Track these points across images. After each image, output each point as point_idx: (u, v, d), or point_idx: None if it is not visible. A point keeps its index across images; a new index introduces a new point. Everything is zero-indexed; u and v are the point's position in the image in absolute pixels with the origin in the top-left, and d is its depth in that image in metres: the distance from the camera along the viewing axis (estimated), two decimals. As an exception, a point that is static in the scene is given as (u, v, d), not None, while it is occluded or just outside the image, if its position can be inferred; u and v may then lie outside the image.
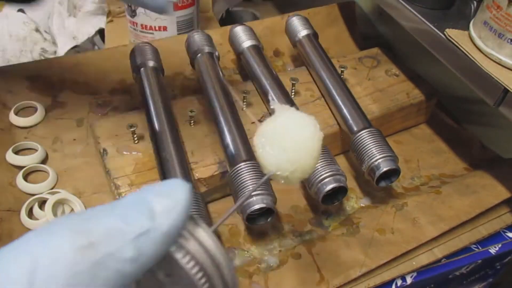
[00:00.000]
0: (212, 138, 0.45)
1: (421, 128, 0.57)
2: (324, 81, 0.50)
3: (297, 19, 0.56)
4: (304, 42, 0.54)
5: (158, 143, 0.41)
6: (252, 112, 0.49)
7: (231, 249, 0.41)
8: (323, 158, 0.40)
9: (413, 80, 0.56)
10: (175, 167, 0.39)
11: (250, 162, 0.39)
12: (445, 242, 0.43)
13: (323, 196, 0.39)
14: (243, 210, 0.37)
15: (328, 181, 0.39)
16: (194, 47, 0.51)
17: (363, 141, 0.43)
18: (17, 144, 0.46)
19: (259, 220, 0.39)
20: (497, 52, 0.40)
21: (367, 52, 0.60)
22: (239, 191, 0.38)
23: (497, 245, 0.45)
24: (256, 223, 0.39)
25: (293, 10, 0.62)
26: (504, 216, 0.47)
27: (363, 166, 0.43)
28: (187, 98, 0.50)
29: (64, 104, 0.51)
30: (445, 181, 0.50)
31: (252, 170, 0.38)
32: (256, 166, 0.39)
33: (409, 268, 0.41)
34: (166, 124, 0.43)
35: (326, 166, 0.40)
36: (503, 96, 0.39)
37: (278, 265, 0.40)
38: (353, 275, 0.39)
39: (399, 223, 0.44)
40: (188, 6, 0.59)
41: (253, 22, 0.62)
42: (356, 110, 0.47)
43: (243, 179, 0.38)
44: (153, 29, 0.60)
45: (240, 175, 0.38)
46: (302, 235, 0.43)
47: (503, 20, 0.38)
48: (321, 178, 0.39)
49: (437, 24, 0.46)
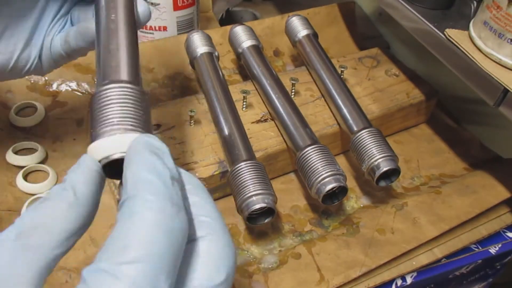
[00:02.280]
0: (212, 138, 0.45)
1: (421, 128, 0.57)
2: (324, 81, 0.50)
3: (297, 19, 0.56)
4: (304, 42, 0.54)
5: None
6: (252, 112, 0.49)
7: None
8: (323, 158, 0.40)
9: (413, 80, 0.56)
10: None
11: (250, 162, 0.39)
12: (445, 242, 0.44)
13: (323, 196, 0.39)
14: (244, 209, 0.37)
15: (328, 181, 0.39)
16: (193, 47, 0.51)
17: (363, 141, 0.43)
18: (17, 144, 0.46)
19: (259, 220, 0.39)
20: (497, 52, 0.40)
21: (367, 52, 0.60)
22: (239, 191, 0.38)
23: (497, 245, 0.45)
24: (256, 222, 0.39)
25: (293, 10, 0.62)
26: (504, 216, 0.47)
27: (363, 166, 0.43)
28: (187, 98, 0.50)
29: (64, 104, 0.51)
30: (445, 181, 0.50)
31: (253, 170, 0.38)
32: (256, 165, 0.39)
33: (409, 268, 0.41)
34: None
35: (326, 166, 0.40)
36: (503, 96, 0.39)
37: (278, 265, 0.40)
38: (353, 275, 0.39)
39: (399, 223, 0.44)
40: (188, 6, 0.59)
41: (253, 22, 0.62)
42: (356, 110, 0.47)
43: (243, 179, 0.38)
44: (153, 29, 0.60)
45: (240, 175, 0.38)
46: (302, 235, 0.43)
47: (503, 20, 0.38)
48: (321, 178, 0.39)
49: (437, 24, 0.46)
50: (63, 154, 0.47)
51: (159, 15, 0.58)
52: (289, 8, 0.68)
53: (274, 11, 0.80)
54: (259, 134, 0.46)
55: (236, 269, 0.39)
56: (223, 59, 0.59)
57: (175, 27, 0.60)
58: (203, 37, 0.52)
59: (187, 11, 0.60)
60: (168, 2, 0.57)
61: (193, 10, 0.61)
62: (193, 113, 0.45)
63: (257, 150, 0.44)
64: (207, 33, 0.53)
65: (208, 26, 0.69)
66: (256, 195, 0.37)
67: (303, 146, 0.42)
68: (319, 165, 0.40)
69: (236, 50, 0.53)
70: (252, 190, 0.37)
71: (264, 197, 0.37)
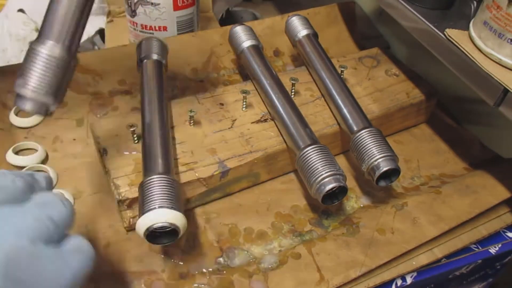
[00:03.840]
0: (212, 138, 0.45)
1: (421, 128, 0.57)
2: (324, 81, 0.50)
3: (297, 19, 0.56)
4: (304, 42, 0.54)
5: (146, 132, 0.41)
6: (252, 112, 0.49)
7: (231, 248, 0.41)
8: (323, 158, 0.40)
9: (413, 80, 0.56)
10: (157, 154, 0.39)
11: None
12: (445, 242, 0.44)
13: (323, 196, 0.39)
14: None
15: (328, 181, 0.39)
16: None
17: (363, 141, 0.43)
18: (17, 144, 0.46)
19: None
20: (497, 52, 0.40)
21: (367, 52, 0.60)
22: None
23: (497, 245, 0.45)
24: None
25: (293, 10, 0.62)
26: (504, 216, 0.47)
27: (363, 165, 0.43)
28: (187, 98, 0.50)
29: (64, 104, 0.51)
30: (445, 181, 0.50)
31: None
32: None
33: (409, 268, 0.41)
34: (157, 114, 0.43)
35: (326, 166, 0.40)
36: (503, 96, 0.39)
37: (278, 265, 0.40)
38: (353, 275, 0.39)
39: (399, 223, 0.44)
40: (188, 6, 0.59)
41: (253, 22, 0.62)
42: (356, 109, 0.47)
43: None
44: (153, 29, 0.60)
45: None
46: (302, 235, 0.43)
47: (503, 20, 0.38)
48: (321, 178, 0.39)
49: (437, 24, 0.46)
50: (63, 154, 0.47)
51: (159, 15, 0.58)
52: (289, 8, 0.68)
53: (274, 11, 0.81)
54: (259, 134, 0.46)
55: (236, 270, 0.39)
56: (223, 59, 0.59)
57: (175, 27, 0.60)
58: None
59: (187, 11, 0.60)
60: (168, 2, 0.57)
61: (193, 10, 0.61)
62: (193, 113, 0.45)
63: (257, 150, 0.44)
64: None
65: (208, 26, 0.69)
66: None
67: (303, 146, 0.42)
68: (319, 165, 0.40)
69: (236, 50, 0.53)
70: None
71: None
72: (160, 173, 0.37)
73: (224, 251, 0.41)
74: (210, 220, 0.43)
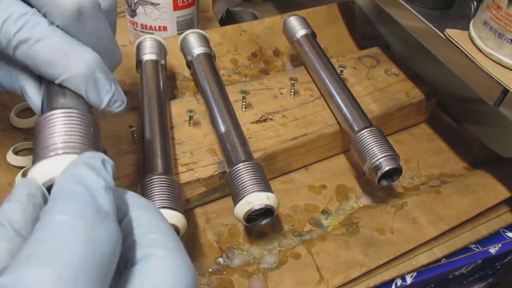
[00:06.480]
0: (212, 138, 0.45)
1: (421, 127, 0.57)
2: (324, 80, 0.50)
3: (295, 19, 0.56)
4: (302, 42, 0.54)
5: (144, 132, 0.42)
6: (252, 112, 0.49)
7: (231, 249, 0.41)
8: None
9: (412, 80, 0.56)
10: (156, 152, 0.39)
11: (249, 163, 0.39)
12: (445, 242, 0.44)
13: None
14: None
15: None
16: (189, 48, 0.51)
17: (365, 140, 0.43)
18: (17, 145, 0.46)
19: (258, 221, 0.39)
20: (497, 52, 0.39)
21: (366, 51, 0.59)
22: (238, 192, 0.38)
23: (497, 245, 0.45)
24: (256, 223, 0.39)
25: (293, 10, 0.62)
26: (504, 215, 0.47)
27: (365, 165, 0.43)
28: (187, 98, 0.50)
29: (64, 104, 0.51)
30: (445, 180, 0.50)
31: (251, 171, 0.38)
32: (255, 166, 0.39)
33: (409, 268, 0.41)
34: (157, 114, 0.43)
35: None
36: (503, 96, 0.39)
37: (278, 265, 0.40)
38: (353, 275, 0.39)
39: (399, 223, 0.44)
40: (188, 6, 0.59)
41: (253, 22, 0.62)
42: (356, 109, 0.47)
43: (242, 180, 0.38)
44: (153, 29, 0.60)
45: (239, 176, 0.38)
46: (302, 235, 0.43)
47: (503, 20, 0.38)
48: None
49: (437, 24, 0.45)
50: (63, 155, 0.47)
51: (159, 15, 0.58)
52: (289, 8, 0.68)
53: (274, 11, 0.80)
54: (258, 134, 0.46)
55: (236, 270, 0.39)
56: (223, 59, 0.59)
57: (175, 27, 0.60)
58: (199, 38, 0.52)
59: (187, 11, 0.60)
60: (168, 2, 0.57)
61: (193, 10, 0.61)
62: (193, 114, 0.45)
63: (256, 150, 0.44)
64: (203, 33, 0.53)
65: (208, 26, 0.69)
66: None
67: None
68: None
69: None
70: (250, 191, 0.37)
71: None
72: (159, 174, 0.37)
73: (224, 251, 0.41)
74: (209, 220, 0.43)
